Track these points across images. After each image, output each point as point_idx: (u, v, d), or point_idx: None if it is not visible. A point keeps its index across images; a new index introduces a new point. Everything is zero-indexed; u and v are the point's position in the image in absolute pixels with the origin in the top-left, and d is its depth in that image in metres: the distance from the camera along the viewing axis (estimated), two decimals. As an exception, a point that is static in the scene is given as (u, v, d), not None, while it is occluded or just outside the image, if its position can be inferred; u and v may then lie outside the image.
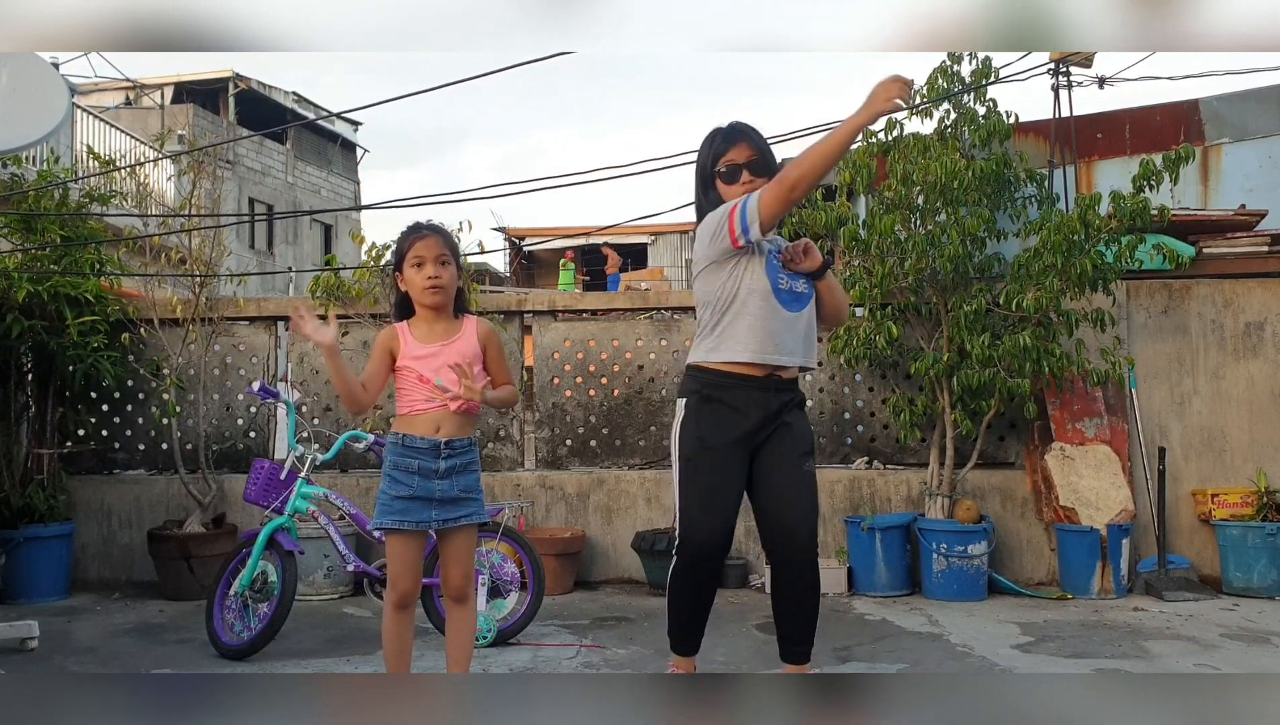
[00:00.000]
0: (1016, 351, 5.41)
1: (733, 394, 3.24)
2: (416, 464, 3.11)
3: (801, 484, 3.29)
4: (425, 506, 3.11)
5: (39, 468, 6.12)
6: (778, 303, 3.23)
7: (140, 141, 13.51)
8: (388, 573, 3.19)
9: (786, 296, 3.26)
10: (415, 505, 3.10)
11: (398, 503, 3.10)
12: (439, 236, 3.16)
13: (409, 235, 3.18)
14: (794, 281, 3.31)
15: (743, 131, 3.31)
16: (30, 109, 4.68)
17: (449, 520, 3.14)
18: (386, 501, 3.12)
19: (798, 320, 3.28)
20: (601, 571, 6.20)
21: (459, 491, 3.15)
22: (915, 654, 4.40)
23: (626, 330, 6.51)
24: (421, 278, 3.11)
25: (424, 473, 3.10)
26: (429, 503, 3.11)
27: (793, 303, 3.28)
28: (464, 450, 3.17)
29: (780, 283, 3.26)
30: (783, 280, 3.27)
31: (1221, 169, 7.28)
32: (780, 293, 3.25)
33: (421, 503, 3.10)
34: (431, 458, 3.10)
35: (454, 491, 3.13)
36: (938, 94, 5.76)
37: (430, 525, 3.13)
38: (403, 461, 3.12)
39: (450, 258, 3.16)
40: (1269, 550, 5.53)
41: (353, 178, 26.99)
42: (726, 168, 3.27)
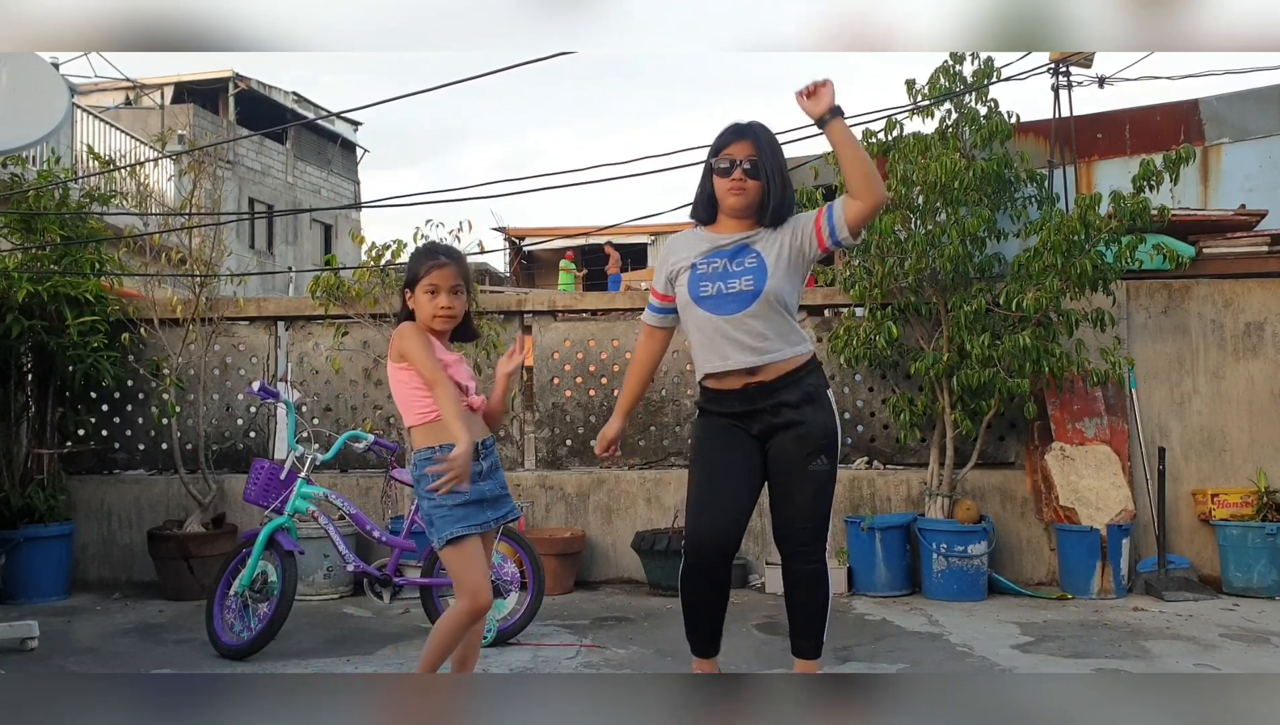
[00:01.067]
0: (1016, 351, 5.41)
1: (720, 404, 3.32)
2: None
3: (801, 484, 3.27)
4: (481, 508, 3.12)
5: (39, 468, 6.12)
6: (704, 312, 3.25)
7: (140, 141, 13.51)
8: (466, 584, 3.04)
9: (712, 301, 3.24)
10: (474, 509, 3.09)
11: (460, 510, 3.05)
12: (455, 266, 3.13)
13: (426, 260, 3.13)
14: (725, 280, 3.23)
15: (749, 130, 3.30)
16: (30, 109, 4.68)
17: (501, 518, 3.18)
18: (447, 512, 3.04)
19: (735, 323, 3.21)
20: (601, 571, 6.20)
21: (499, 489, 3.19)
22: (915, 654, 4.40)
23: (626, 330, 6.51)
24: (434, 306, 3.10)
25: (472, 477, 3.06)
26: (483, 504, 3.12)
27: (723, 305, 3.23)
28: (492, 449, 3.21)
29: (703, 290, 3.26)
30: (706, 286, 3.25)
31: (1221, 169, 7.28)
32: (703, 300, 3.26)
33: (478, 505, 3.11)
34: (474, 461, 3.08)
35: (497, 489, 3.18)
36: (939, 93, 5.76)
37: (489, 525, 3.14)
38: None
39: (463, 287, 3.16)
40: (1269, 550, 5.53)
41: (353, 177, 27.00)
42: (725, 162, 3.26)
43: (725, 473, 3.28)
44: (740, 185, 3.22)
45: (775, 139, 3.35)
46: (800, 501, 3.28)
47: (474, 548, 3.07)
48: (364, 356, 6.51)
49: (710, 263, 3.28)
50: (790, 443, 3.26)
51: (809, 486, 3.27)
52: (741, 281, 3.22)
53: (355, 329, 6.45)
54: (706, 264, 3.29)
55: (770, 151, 3.29)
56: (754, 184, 3.22)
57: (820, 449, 3.28)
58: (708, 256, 3.29)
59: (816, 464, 3.27)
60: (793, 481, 3.27)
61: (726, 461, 3.28)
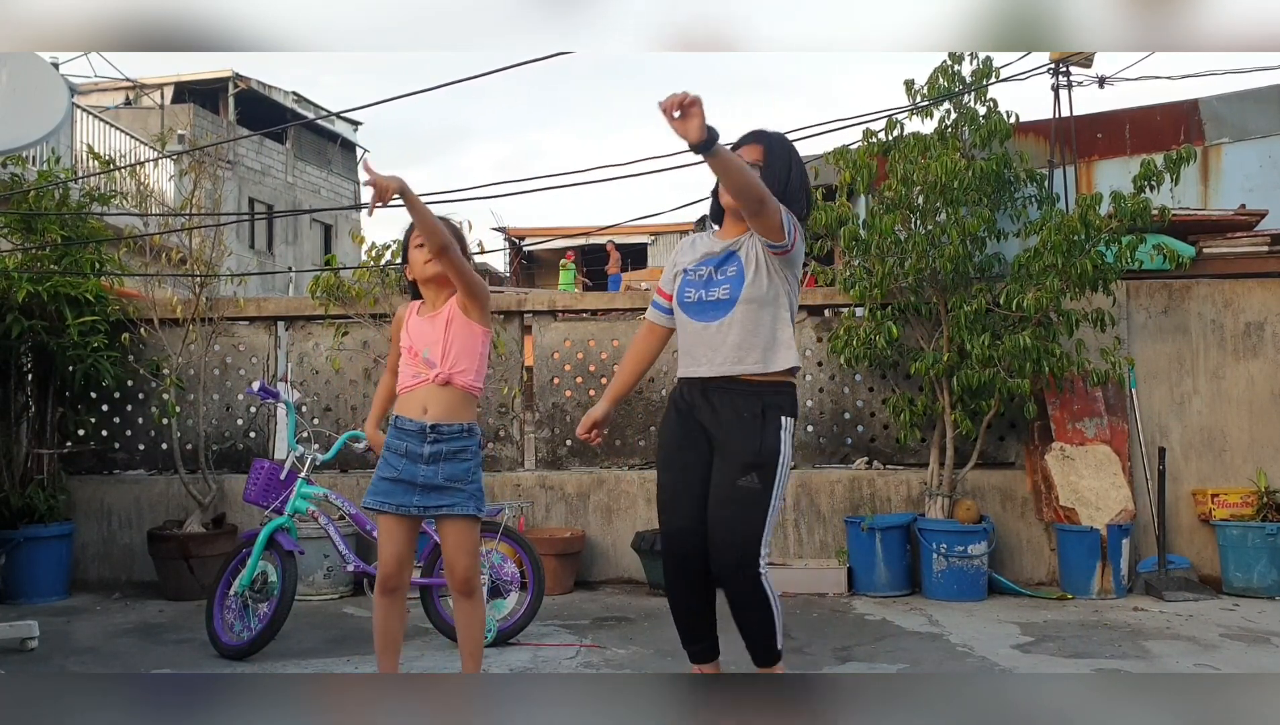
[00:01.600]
0: (1016, 351, 5.40)
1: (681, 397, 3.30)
2: (404, 447, 3.11)
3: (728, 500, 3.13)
4: (408, 491, 3.09)
5: (39, 468, 6.12)
6: (685, 316, 3.28)
7: (140, 141, 13.51)
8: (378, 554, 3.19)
9: (694, 307, 3.25)
10: (399, 488, 3.09)
11: (382, 483, 3.11)
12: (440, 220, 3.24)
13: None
14: (706, 288, 3.24)
15: (763, 135, 3.32)
16: (30, 109, 4.67)
17: (429, 508, 3.11)
18: (375, 481, 3.14)
19: (711, 331, 3.20)
20: (601, 571, 6.20)
21: (443, 479, 3.10)
22: (915, 654, 4.40)
23: (626, 330, 6.51)
24: (421, 255, 3.18)
25: (410, 456, 3.09)
26: (412, 487, 3.09)
27: (703, 313, 3.23)
28: (453, 437, 3.12)
29: (687, 296, 3.28)
30: (689, 292, 3.27)
31: (1221, 169, 7.28)
32: (686, 306, 3.27)
33: (405, 486, 3.09)
34: (418, 441, 3.09)
35: (438, 479, 3.09)
36: (938, 93, 5.76)
37: (410, 511, 3.10)
38: (393, 442, 3.14)
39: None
40: (1269, 550, 5.53)
41: (353, 178, 26.99)
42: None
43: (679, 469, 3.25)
44: None
45: (792, 153, 3.31)
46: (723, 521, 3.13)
47: (386, 524, 3.11)
48: (364, 356, 6.51)
49: (699, 270, 3.30)
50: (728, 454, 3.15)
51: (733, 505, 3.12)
52: (720, 290, 3.22)
53: (355, 329, 6.45)
54: (695, 271, 3.31)
55: (781, 160, 3.26)
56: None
57: (754, 464, 3.12)
58: (699, 263, 3.31)
59: (745, 480, 3.12)
60: (718, 499, 3.14)
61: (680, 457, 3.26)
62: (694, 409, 3.25)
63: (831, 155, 5.93)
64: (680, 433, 3.29)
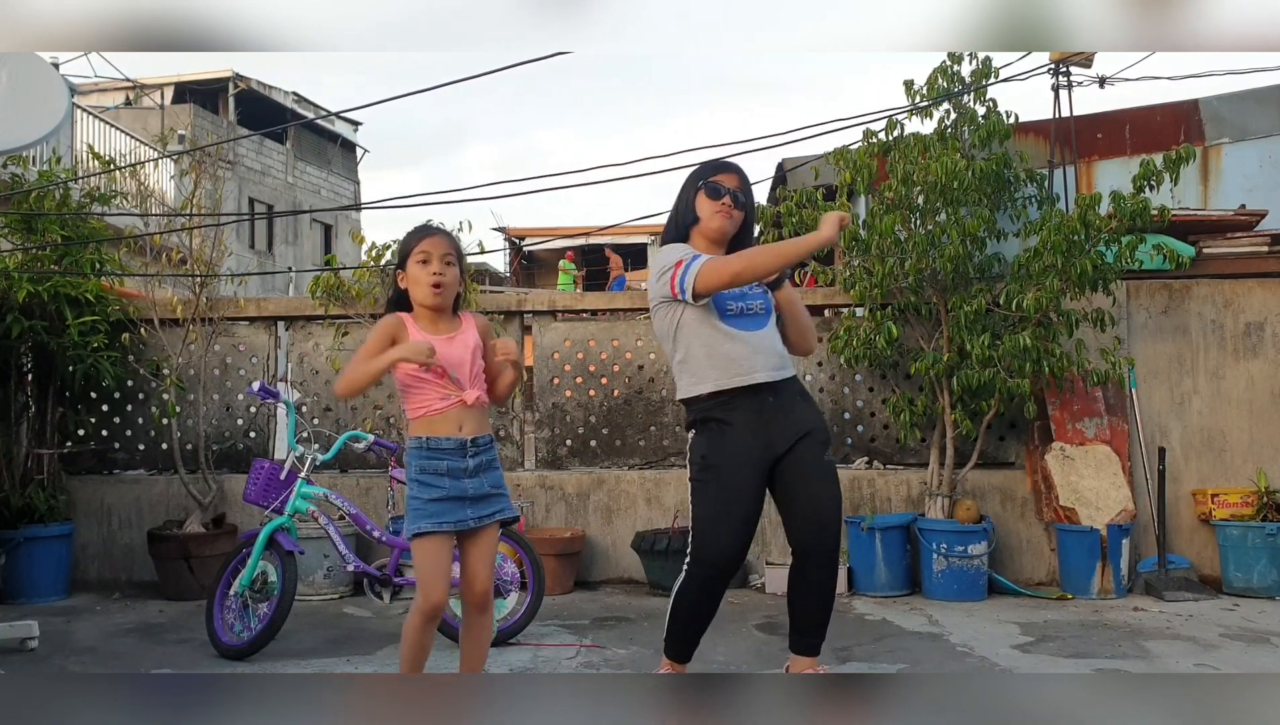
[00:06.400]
0: (1016, 351, 5.40)
1: (726, 412, 3.30)
2: (445, 465, 3.04)
3: (828, 478, 3.38)
4: (460, 505, 3.05)
5: (39, 468, 6.12)
6: (728, 327, 3.32)
7: (140, 142, 13.51)
8: (421, 580, 3.04)
9: (737, 319, 3.33)
10: (450, 506, 3.04)
11: (432, 505, 3.02)
12: (446, 237, 3.17)
13: (416, 233, 3.18)
14: (747, 301, 3.36)
15: (736, 167, 3.50)
16: (30, 109, 4.67)
17: (484, 517, 3.08)
18: (419, 506, 3.03)
19: (758, 338, 3.34)
20: (601, 571, 6.20)
21: (489, 487, 3.11)
22: (915, 654, 4.40)
23: (626, 330, 6.51)
24: (426, 274, 3.07)
25: (453, 473, 3.04)
26: (463, 501, 3.05)
27: (748, 323, 3.34)
28: (487, 447, 3.14)
29: (728, 307, 3.33)
30: (731, 305, 3.34)
31: (1221, 169, 7.28)
32: (729, 317, 3.33)
33: (456, 502, 3.04)
34: (459, 457, 3.05)
35: (485, 488, 3.09)
36: (938, 94, 5.76)
37: (466, 524, 3.05)
38: (431, 464, 3.04)
39: (455, 260, 3.15)
40: (1269, 550, 5.53)
41: (353, 178, 26.99)
42: (715, 185, 3.39)
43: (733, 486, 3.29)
44: (729, 211, 3.38)
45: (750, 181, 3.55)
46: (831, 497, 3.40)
47: (436, 545, 3.02)
48: (364, 356, 6.50)
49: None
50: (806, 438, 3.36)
51: (832, 481, 3.41)
52: (756, 303, 3.39)
53: (355, 329, 6.45)
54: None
55: (750, 189, 3.50)
56: (739, 213, 3.41)
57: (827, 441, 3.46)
58: None
59: (828, 456, 3.44)
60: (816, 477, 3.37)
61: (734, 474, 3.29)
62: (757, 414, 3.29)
63: (831, 155, 5.93)
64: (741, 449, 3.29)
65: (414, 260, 3.11)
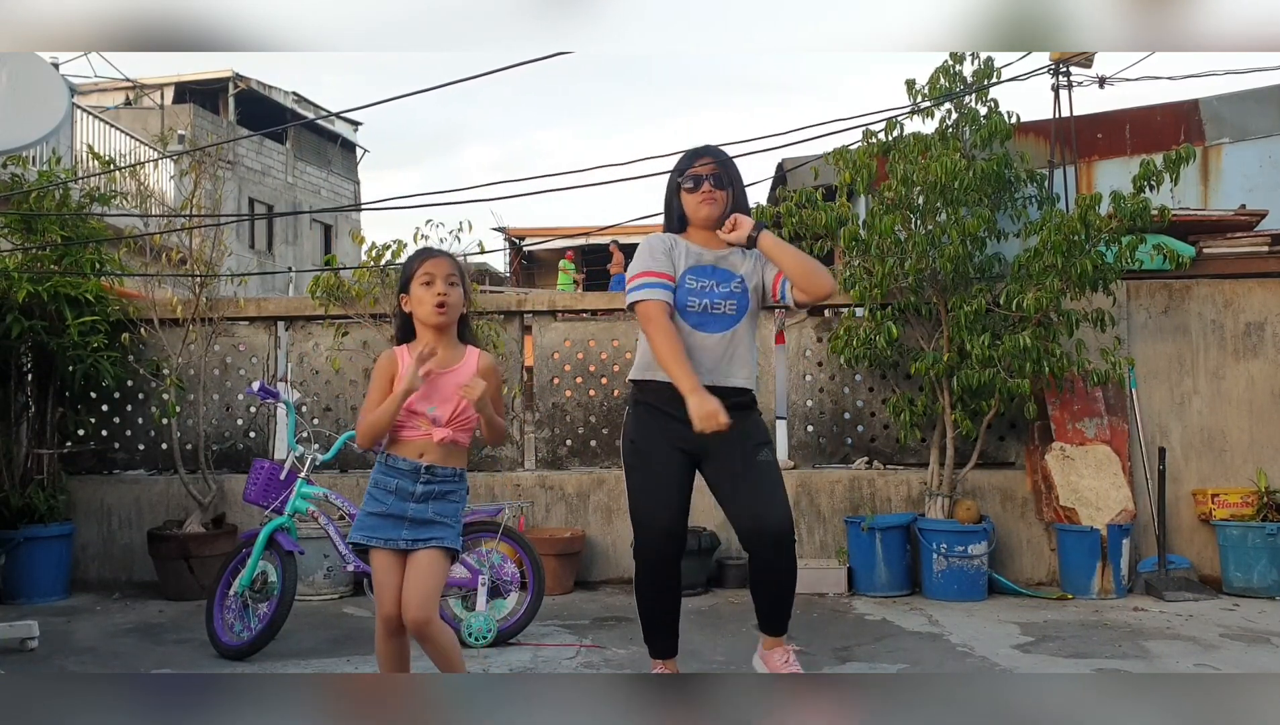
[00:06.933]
0: (1016, 351, 5.40)
1: (660, 397, 3.37)
2: (395, 484, 3.06)
3: (763, 474, 3.36)
4: (397, 524, 3.04)
5: (39, 468, 6.12)
6: (686, 325, 3.38)
7: (140, 142, 13.50)
8: (377, 594, 3.05)
9: (696, 316, 3.39)
10: (387, 523, 3.04)
11: (369, 519, 3.06)
12: (449, 259, 3.16)
13: (418, 257, 3.17)
14: (712, 298, 3.39)
15: (707, 149, 3.56)
16: (30, 109, 4.67)
17: (417, 541, 3.02)
18: (360, 517, 3.09)
19: (714, 342, 3.37)
20: (601, 571, 6.20)
21: (432, 514, 3.06)
22: (915, 654, 4.40)
23: (626, 330, 6.51)
24: (430, 296, 3.06)
25: (400, 493, 3.05)
26: (401, 521, 3.04)
27: (709, 324, 3.38)
28: (446, 478, 3.09)
29: (689, 303, 3.39)
30: (692, 302, 3.39)
31: (1221, 169, 7.28)
32: (687, 312, 3.39)
33: (394, 521, 3.04)
34: (411, 480, 3.05)
35: (427, 513, 3.05)
36: (939, 94, 5.76)
37: (399, 544, 3.02)
38: (383, 479, 3.08)
39: (459, 281, 3.14)
40: (1269, 550, 5.53)
41: (353, 178, 26.99)
42: (690, 179, 3.47)
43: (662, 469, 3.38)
44: (710, 196, 3.44)
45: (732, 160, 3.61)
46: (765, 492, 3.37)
47: (381, 561, 3.03)
48: (364, 356, 6.51)
49: (700, 279, 3.43)
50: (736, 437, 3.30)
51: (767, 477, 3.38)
52: (726, 304, 3.41)
53: (355, 329, 6.45)
54: (695, 279, 3.43)
55: (733, 168, 3.55)
56: (722, 193, 3.46)
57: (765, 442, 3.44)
58: (696, 270, 3.44)
59: (764, 454, 3.41)
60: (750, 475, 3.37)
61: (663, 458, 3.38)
62: (678, 412, 3.27)
63: (831, 155, 5.93)
64: (659, 436, 3.39)
65: (417, 282, 3.10)
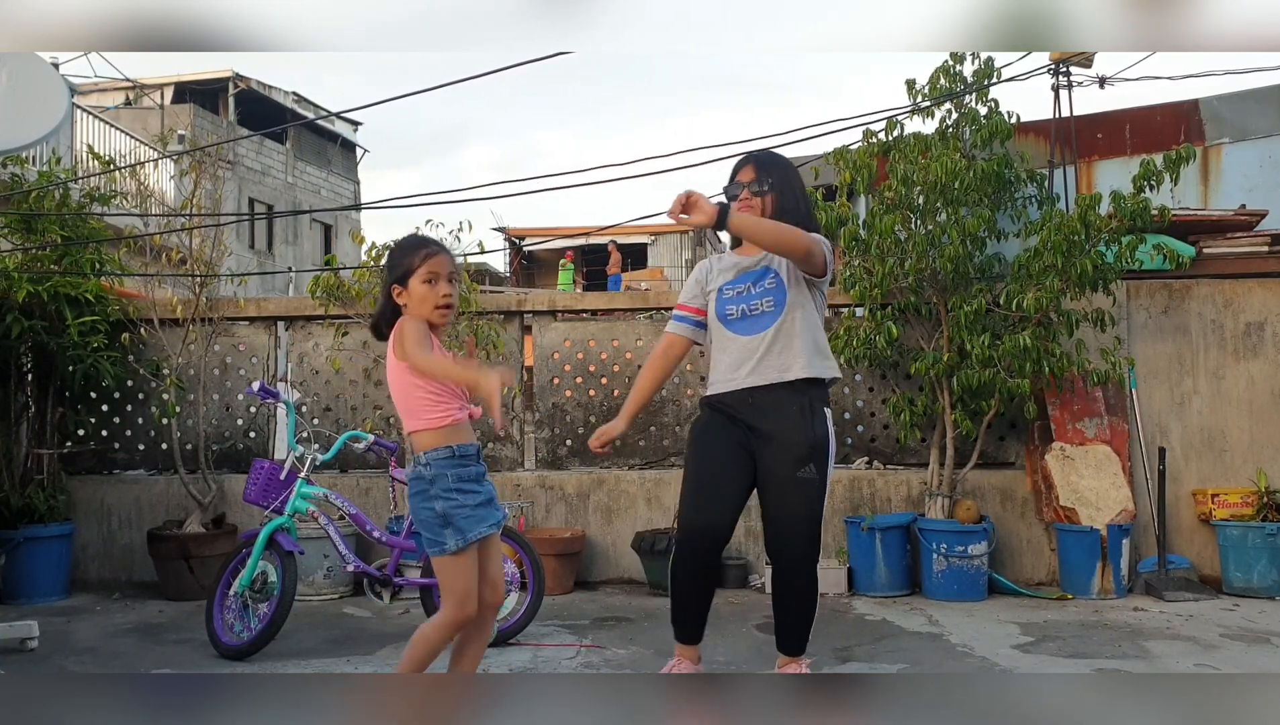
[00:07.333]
0: (1016, 351, 5.40)
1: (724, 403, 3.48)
2: (474, 471, 3.01)
3: (799, 492, 3.38)
4: (493, 508, 3.04)
5: (39, 468, 6.12)
6: (727, 331, 3.48)
7: (140, 141, 13.50)
8: (456, 591, 2.90)
9: (738, 323, 3.47)
10: (492, 510, 3.03)
11: (481, 510, 2.97)
12: (449, 255, 3.08)
13: (418, 249, 3.02)
14: (749, 301, 3.46)
15: (751, 156, 3.60)
16: (30, 109, 4.67)
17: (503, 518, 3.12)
18: (469, 513, 2.93)
19: (755, 343, 3.42)
20: (601, 571, 6.20)
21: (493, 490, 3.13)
22: (915, 654, 4.40)
23: (626, 330, 6.51)
24: (435, 295, 2.97)
25: (478, 478, 3.02)
26: (492, 504, 3.05)
27: (748, 326, 3.44)
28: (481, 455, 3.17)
29: (728, 312, 3.48)
30: (731, 309, 3.47)
31: (1221, 169, 7.28)
32: (729, 321, 3.48)
33: (492, 505, 3.04)
34: (477, 462, 3.05)
35: (493, 491, 3.11)
36: (940, 94, 5.76)
37: (502, 522, 3.08)
38: (465, 471, 2.98)
39: (458, 276, 3.12)
40: (1269, 550, 5.53)
41: (353, 178, 26.99)
42: (731, 191, 3.54)
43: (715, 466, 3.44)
44: (748, 205, 3.47)
45: (782, 161, 3.61)
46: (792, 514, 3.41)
47: (472, 556, 2.96)
48: (364, 356, 6.51)
49: (736, 286, 3.51)
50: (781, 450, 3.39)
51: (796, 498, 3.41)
52: (764, 302, 3.45)
53: (355, 329, 6.45)
54: (733, 287, 3.51)
55: (778, 170, 3.54)
56: (760, 200, 3.47)
57: (807, 457, 3.39)
58: (734, 280, 3.52)
59: (804, 472, 3.39)
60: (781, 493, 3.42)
61: (719, 456, 3.44)
62: (738, 415, 3.42)
63: (831, 155, 5.93)
64: (721, 433, 3.46)
65: (419, 278, 2.97)
